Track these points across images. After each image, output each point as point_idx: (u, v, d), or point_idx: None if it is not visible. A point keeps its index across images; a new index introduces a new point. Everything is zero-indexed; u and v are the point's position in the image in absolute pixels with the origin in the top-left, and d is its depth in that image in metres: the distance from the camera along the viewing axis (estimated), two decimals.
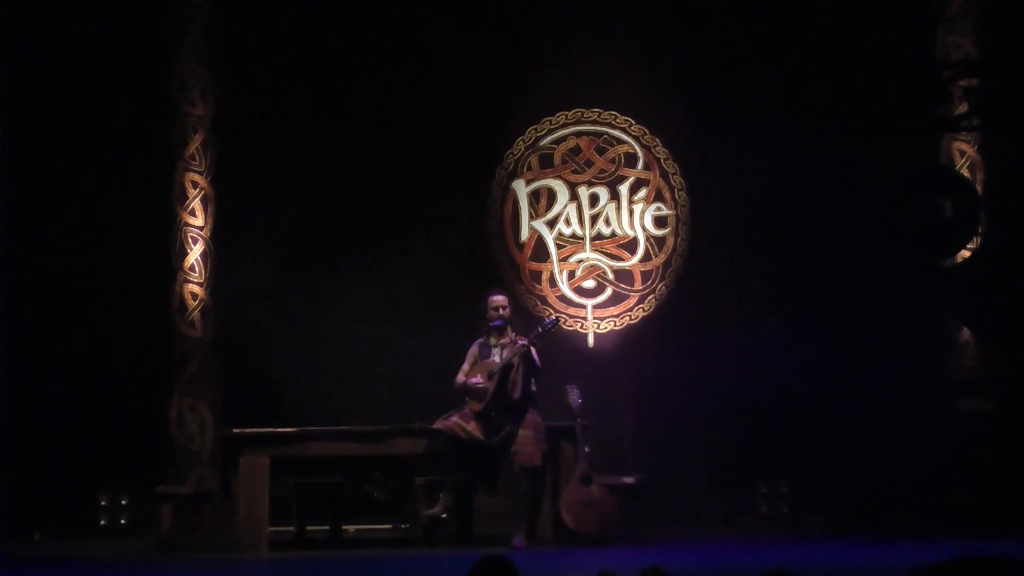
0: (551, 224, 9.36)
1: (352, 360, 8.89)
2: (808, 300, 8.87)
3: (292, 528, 7.89)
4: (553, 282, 9.36)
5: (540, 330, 7.31)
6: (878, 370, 8.53)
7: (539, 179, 9.39)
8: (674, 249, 9.31)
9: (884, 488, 8.42)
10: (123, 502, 8.61)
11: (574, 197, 9.34)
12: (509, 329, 7.42)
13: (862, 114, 7.91)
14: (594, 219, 9.33)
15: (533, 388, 7.34)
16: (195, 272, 8.75)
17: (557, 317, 8.44)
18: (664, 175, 9.35)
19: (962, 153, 8.71)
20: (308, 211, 9.10)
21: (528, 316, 8.74)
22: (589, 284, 9.33)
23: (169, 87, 8.76)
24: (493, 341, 7.43)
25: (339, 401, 8.55)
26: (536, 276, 9.38)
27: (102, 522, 8.59)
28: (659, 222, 9.35)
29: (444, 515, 7.47)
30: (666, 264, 9.31)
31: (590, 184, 9.36)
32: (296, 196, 9.08)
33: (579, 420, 7.37)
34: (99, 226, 8.85)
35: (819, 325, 8.74)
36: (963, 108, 7.77)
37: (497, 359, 7.31)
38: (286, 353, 8.83)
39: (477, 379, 7.34)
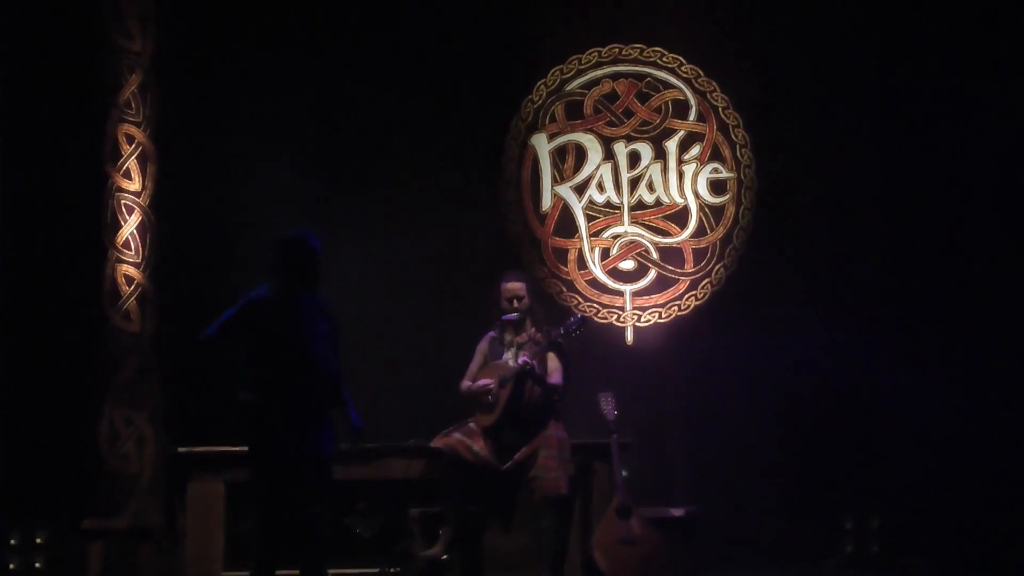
0: (580, 190, 9.37)
1: None
2: (908, 286, 8.94)
3: (252, 573, 7.60)
4: (583, 263, 9.38)
5: (561, 332, 7.31)
6: (999, 376, 8.63)
7: (565, 133, 9.43)
8: (735, 222, 9.31)
9: (1004, 523, 8.46)
10: (38, 540, 8.56)
11: (609, 156, 9.37)
12: (528, 323, 7.41)
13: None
14: (634, 183, 9.35)
15: (556, 397, 7.34)
16: (130, 250, 8.68)
17: (583, 316, 8.16)
18: (723, 128, 9.36)
19: None
20: (275, 174, 9.10)
21: (552, 307, 8.73)
22: (628, 265, 9.34)
23: (99, 16, 8.71)
24: (508, 338, 7.45)
25: None
26: (561, 255, 9.39)
27: (11, 566, 8.54)
28: (716, 187, 9.35)
29: (445, 557, 7.44)
30: (725, 240, 9.32)
31: (629, 139, 9.38)
32: (261, 154, 9.10)
33: (615, 436, 7.47)
34: (10, 191, 8.88)
35: (923, 318, 8.82)
36: None
37: (511, 362, 7.31)
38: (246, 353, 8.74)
39: (485, 382, 7.33)
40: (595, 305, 9.22)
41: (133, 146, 8.68)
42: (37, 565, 8.53)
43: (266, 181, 9.08)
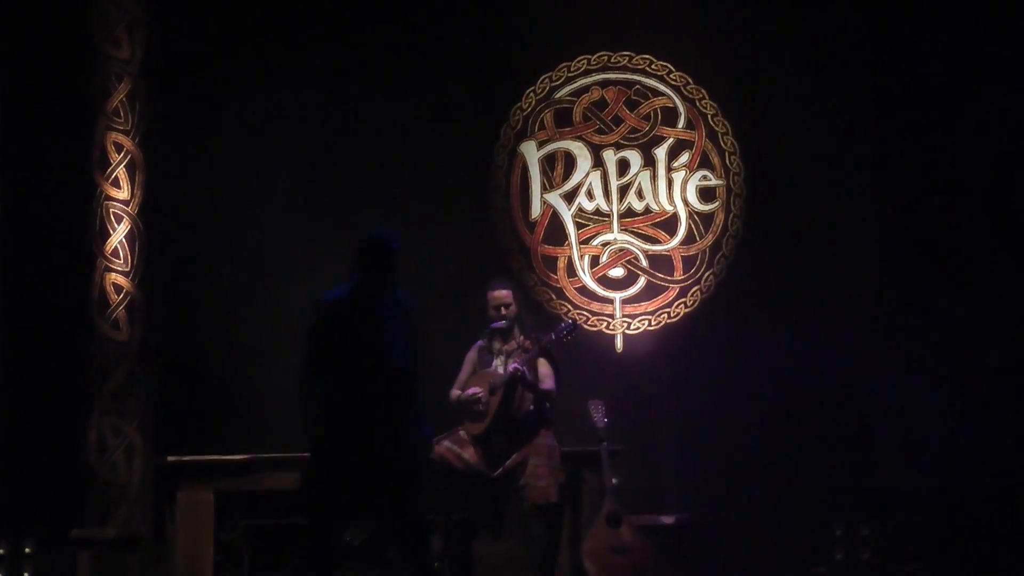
0: (569, 197, 9.35)
1: None
2: (898, 294, 8.92)
3: None
4: (572, 270, 9.35)
5: (553, 337, 7.33)
6: (989, 383, 8.62)
7: (554, 140, 9.39)
8: (724, 229, 9.27)
9: (995, 530, 8.44)
10: (27, 550, 8.50)
11: (598, 163, 9.33)
12: (517, 331, 7.44)
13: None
14: (623, 191, 9.31)
15: (547, 404, 7.37)
16: (119, 258, 8.64)
17: (575, 320, 8.46)
18: (712, 135, 9.32)
19: None
20: (264, 182, 9.13)
21: (540, 315, 8.75)
22: (617, 273, 9.30)
23: (87, 22, 8.68)
24: (496, 346, 7.49)
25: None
26: (551, 263, 9.35)
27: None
28: (705, 194, 9.31)
29: (435, 564, 7.33)
30: (714, 248, 9.28)
31: (618, 147, 9.34)
32: (250, 162, 9.11)
33: (605, 444, 7.45)
34: None
35: (913, 326, 8.80)
36: None
37: (501, 369, 7.34)
38: (235, 362, 8.91)
39: (475, 390, 7.34)
40: (584, 313, 9.18)
41: (122, 154, 8.64)
42: (26, 575, 8.47)
43: (255, 189, 9.10)
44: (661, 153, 9.27)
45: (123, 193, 8.66)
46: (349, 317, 6.02)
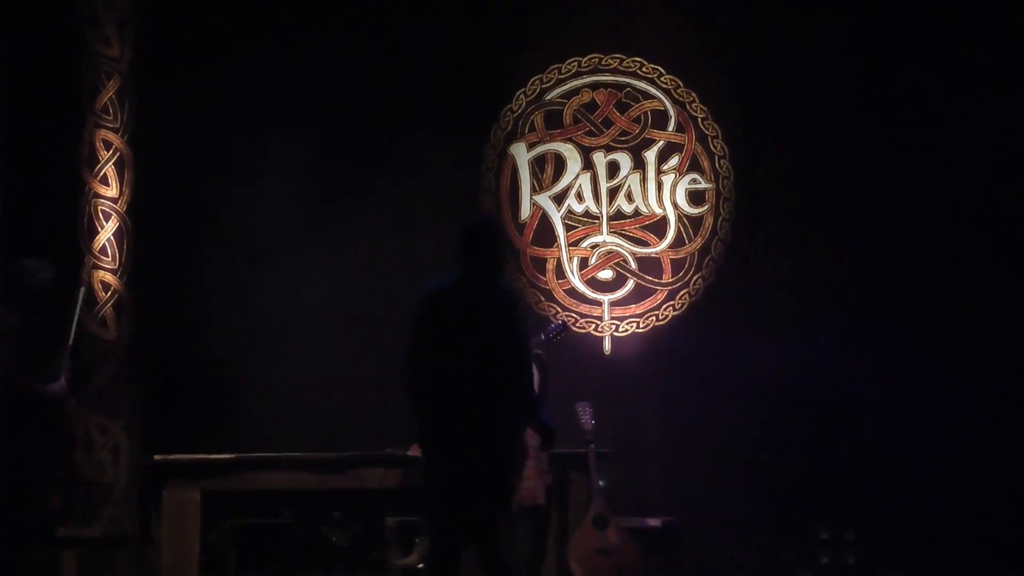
0: (559, 199, 9.36)
1: (307, 370, 8.94)
2: (885, 298, 8.93)
3: None
4: (561, 272, 9.36)
5: (543, 338, 7.42)
6: (975, 388, 8.61)
7: (544, 142, 9.41)
8: (713, 232, 9.29)
9: (980, 535, 8.44)
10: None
11: (588, 165, 9.34)
12: None
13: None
14: (613, 193, 9.33)
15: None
16: (107, 256, 8.65)
17: (564, 321, 8.53)
18: (702, 139, 9.33)
19: None
20: (253, 180, 9.11)
21: (529, 316, 8.51)
22: (606, 275, 9.32)
23: (77, 20, 8.68)
24: None
25: (290, 421, 8.63)
26: (540, 264, 9.37)
27: None
28: (695, 198, 9.32)
29: (421, 565, 7.44)
30: (703, 251, 9.30)
31: (608, 149, 9.36)
32: (238, 162, 9.11)
33: (592, 446, 7.49)
34: None
35: (900, 331, 8.80)
36: None
37: None
38: (223, 360, 8.82)
39: None
40: (573, 315, 9.19)
41: (110, 152, 8.65)
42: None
43: (244, 187, 9.06)
44: (651, 156, 9.28)
45: (112, 191, 8.66)
46: (456, 307, 5.76)
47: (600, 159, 9.30)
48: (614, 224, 9.29)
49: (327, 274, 8.96)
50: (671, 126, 9.31)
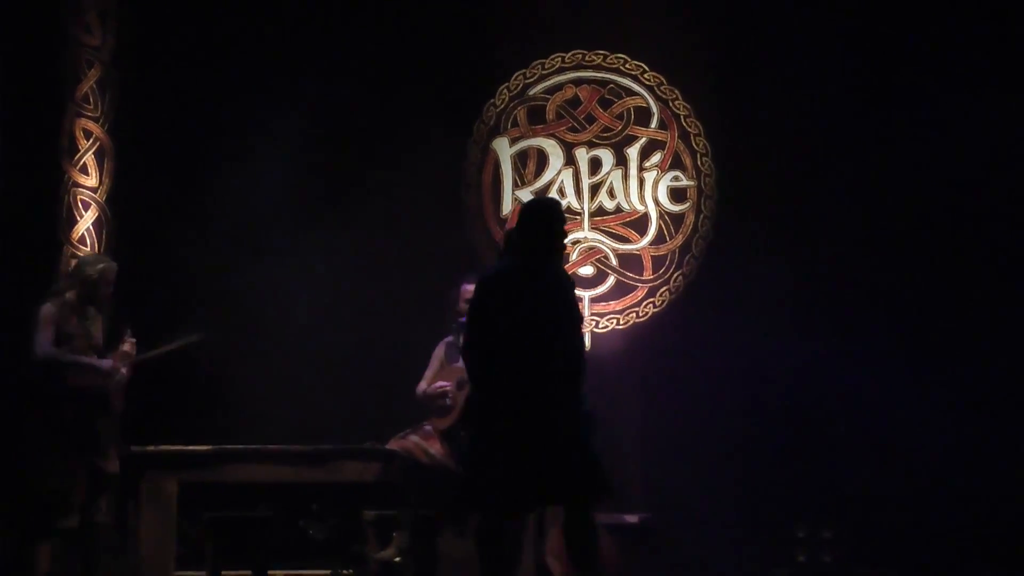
0: (541, 195, 9.27)
1: (287, 361, 8.94)
2: (865, 298, 8.95)
3: (205, 574, 7.78)
4: None
5: None
6: (955, 387, 8.64)
7: (527, 138, 9.40)
8: (695, 229, 9.30)
9: (956, 534, 8.47)
10: None
11: (570, 161, 9.35)
12: None
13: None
14: (595, 189, 9.34)
15: None
16: (86, 246, 8.60)
17: None
18: (684, 136, 9.34)
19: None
20: (235, 174, 9.08)
21: None
22: (587, 271, 9.33)
23: (58, 8, 8.66)
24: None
25: (269, 413, 8.55)
26: None
27: None
28: (676, 195, 9.33)
29: (398, 559, 7.44)
30: (684, 248, 9.31)
31: (591, 145, 9.35)
32: (220, 152, 9.09)
33: None
34: None
35: (880, 330, 8.82)
36: None
37: None
38: (202, 353, 8.59)
39: (442, 384, 7.39)
40: None
41: (90, 141, 8.64)
42: None
43: (224, 179, 9.02)
44: (633, 153, 9.29)
45: (91, 180, 8.65)
46: (508, 294, 5.69)
47: (582, 155, 9.30)
48: (595, 220, 9.30)
49: (308, 267, 8.97)
50: (654, 123, 9.32)
